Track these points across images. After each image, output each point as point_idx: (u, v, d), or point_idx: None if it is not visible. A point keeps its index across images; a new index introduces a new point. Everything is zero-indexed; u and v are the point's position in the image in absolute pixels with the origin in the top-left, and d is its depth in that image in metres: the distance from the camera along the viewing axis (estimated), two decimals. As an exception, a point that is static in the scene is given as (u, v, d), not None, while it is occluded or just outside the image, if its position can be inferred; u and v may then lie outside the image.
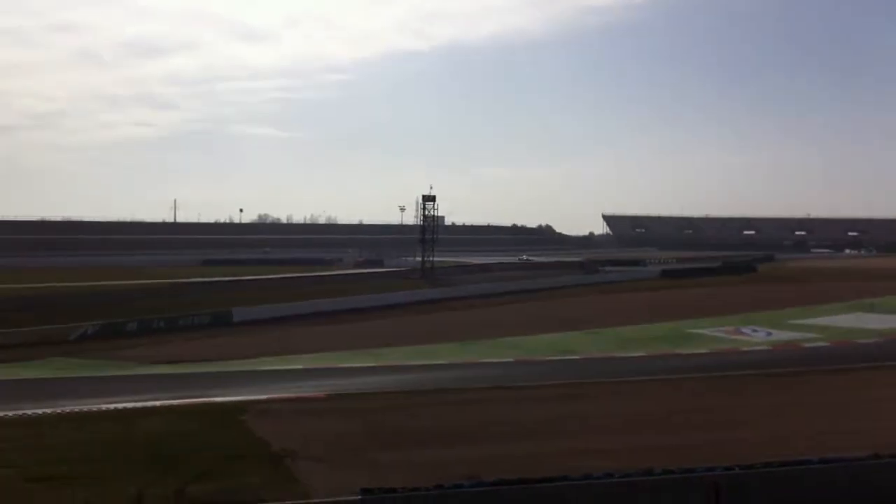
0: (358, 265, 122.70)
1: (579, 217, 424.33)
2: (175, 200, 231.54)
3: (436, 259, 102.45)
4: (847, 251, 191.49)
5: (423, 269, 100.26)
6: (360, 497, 18.38)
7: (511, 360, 45.39)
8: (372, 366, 43.60)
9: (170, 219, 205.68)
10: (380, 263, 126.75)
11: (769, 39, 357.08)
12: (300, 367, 43.82)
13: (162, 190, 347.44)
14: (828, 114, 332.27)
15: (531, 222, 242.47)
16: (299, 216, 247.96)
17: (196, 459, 23.64)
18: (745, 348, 49.17)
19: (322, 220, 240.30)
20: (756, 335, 54.47)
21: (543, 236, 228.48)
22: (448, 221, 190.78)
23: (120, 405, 32.12)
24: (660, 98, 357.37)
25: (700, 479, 19.50)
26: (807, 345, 50.02)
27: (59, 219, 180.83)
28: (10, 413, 30.66)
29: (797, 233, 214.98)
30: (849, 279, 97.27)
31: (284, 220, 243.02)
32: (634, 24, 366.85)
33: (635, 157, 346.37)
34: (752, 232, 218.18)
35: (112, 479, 21.62)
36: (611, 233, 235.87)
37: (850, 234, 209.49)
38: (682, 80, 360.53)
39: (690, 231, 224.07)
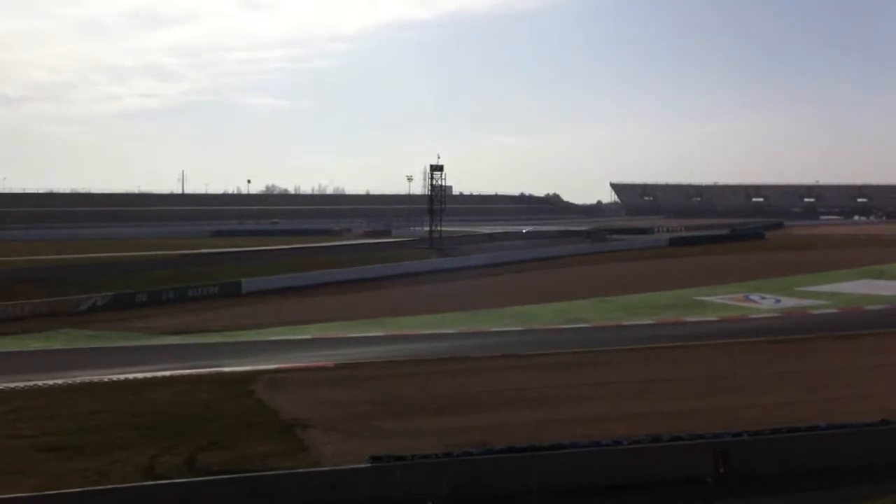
0: (366, 235, 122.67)
1: (587, 186, 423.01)
2: (183, 172, 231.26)
3: (443, 229, 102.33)
4: (856, 218, 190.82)
5: (430, 239, 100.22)
6: (369, 464, 18.52)
7: (519, 328, 45.45)
8: (380, 335, 43.73)
9: (178, 190, 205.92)
10: (387, 233, 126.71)
11: (777, 3, 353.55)
12: (309, 336, 43.96)
13: (168, 161, 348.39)
14: (836, 80, 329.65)
15: (539, 191, 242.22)
16: (307, 187, 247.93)
17: (206, 429, 23.81)
18: (754, 315, 49.13)
19: (329, 191, 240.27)
20: (764, 302, 54.41)
21: (551, 205, 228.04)
22: (456, 191, 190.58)
23: (130, 375, 32.30)
24: (667, 64, 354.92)
25: (708, 446, 19.59)
26: (815, 312, 49.97)
27: (66, 191, 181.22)
28: (22, 384, 30.90)
29: (806, 200, 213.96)
30: (857, 246, 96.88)
31: (292, 191, 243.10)
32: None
33: (643, 125, 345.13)
34: (761, 199, 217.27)
35: (123, 449, 21.79)
36: (619, 201, 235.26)
37: (858, 200, 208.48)
38: (688, 45, 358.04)
39: (698, 199, 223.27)
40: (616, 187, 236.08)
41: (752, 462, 19.50)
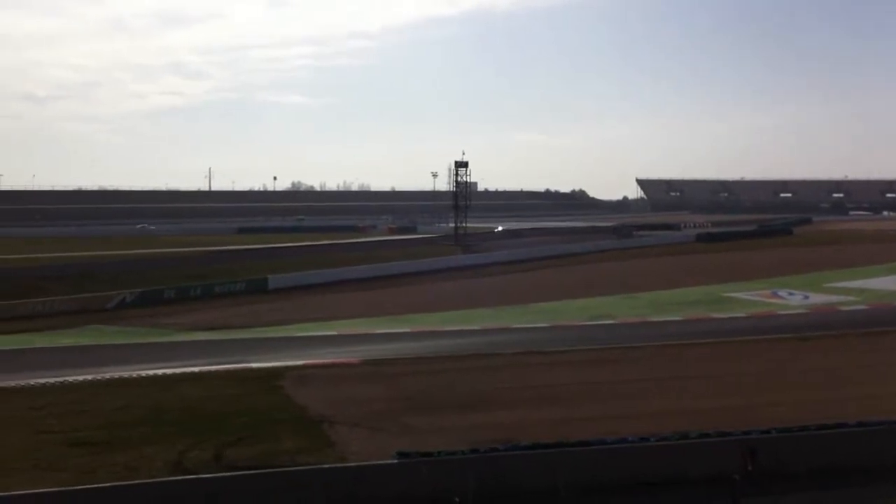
0: (391, 232, 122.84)
1: (613, 182, 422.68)
2: (210, 169, 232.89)
3: (469, 225, 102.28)
4: (886, 213, 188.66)
5: (456, 236, 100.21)
6: (396, 461, 18.57)
7: (545, 325, 45.34)
8: (406, 331, 43.74)
9: (204, 187, 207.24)
10: (413, 230, 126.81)
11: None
12: (335, 333, 44.08)
13: (194, 159, 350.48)
14: (865, 74, 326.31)
15: (564, 187, 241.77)
16: (332, 184, 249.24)
17: (234, 424, 23.98)
18: (782, 312, 48.76)
19: (355, 188, 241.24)
20: (792, 299, 53.97)
21: (577, 201, 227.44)
22: (481, 187, 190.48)
23: (158, 371, 32.57)
24: (693, 60, 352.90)
25: (737, 443, 19.48)
26: (844, 308, 49.48)
27: (94, 188, 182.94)
28: (52, 380, 31.19)
29: (834, 195, 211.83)
30: (886, 242, 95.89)
31: (318, 188, 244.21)
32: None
33: (669, 121, 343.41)
34: (789, 195, 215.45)
35: (151, 444, 21.99)
36: (645, 197, 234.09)
37: (888, 195, 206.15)
38: (715, 40, 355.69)
39: (725, 194, 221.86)
40: (642, 183, 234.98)
41: (780, 459, 19.37)
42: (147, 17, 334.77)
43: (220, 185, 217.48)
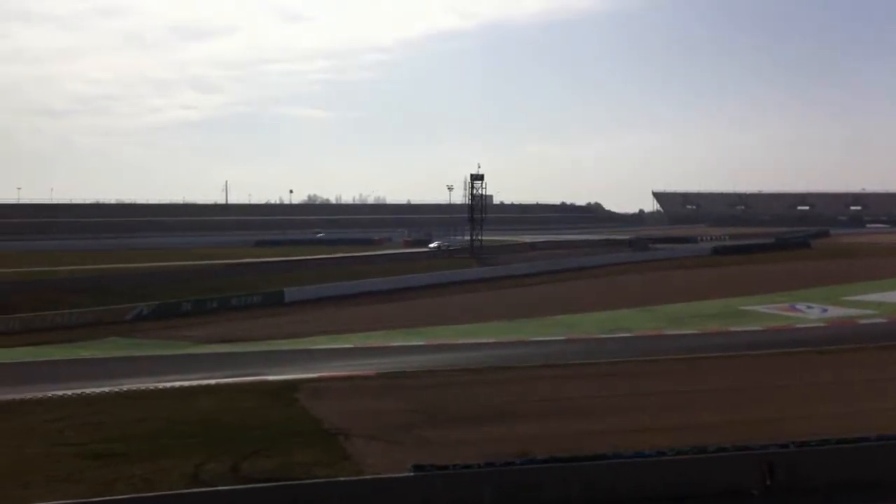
0: (407, 245, 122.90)
1: (629, 194, 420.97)
2: (226, 182, 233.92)
3: (484, 238, 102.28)
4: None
5: (471, 248, 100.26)
6: (412, 474, 18.52)
7: (561, 337, 45.23)
8: (422, 344, 43.76)
9: (221, 200, 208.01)
10: (428, 243, 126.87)
11: (821, 7, 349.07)
12: (351, 345, 44.15)
13: (211, 172, 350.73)
14: (883, 86, 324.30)
15: (580, 200, 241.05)
16: (348, 196, 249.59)
17: (250, 437, 24.00)
18: (800, 325, 48.46)
19: (371, 201, 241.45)
20: (811, 312, 53.64)
21: (593, 214, 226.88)
22: (496, 200, 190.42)
23: (175, 384, 32.68)
24: (709, 71, 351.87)
25: (754, 457, 19.34)
26: (863, 321, 49.14)
27: (112, 201, 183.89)
28: (70, 392, 31.34)
29: (852, 208, 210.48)
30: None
31: (334, 201, 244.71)
32: (679, 1, 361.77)
33: (686, 134, 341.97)
34: (806, 207, 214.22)
35: (168, 456, 22.04)
36: (661, 210, 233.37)
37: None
38: (731, 52, 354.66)
39: (742, 207, 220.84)
40: (658, 196, 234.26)
41: (799, 474, 19.22)
42: (164, 31, 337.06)
43: (236, 198, 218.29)
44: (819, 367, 34.63)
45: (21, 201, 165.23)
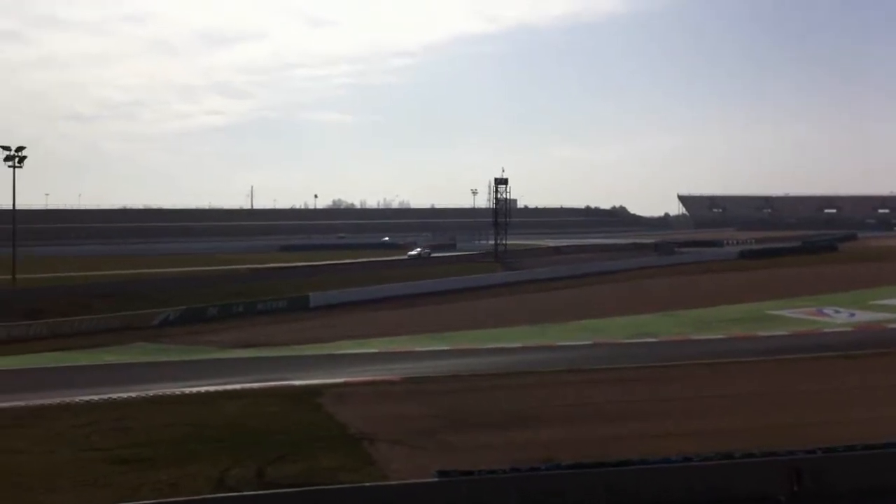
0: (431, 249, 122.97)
1: (654, 198, 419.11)
2: (252, 187, 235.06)
3: (508, 242, 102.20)
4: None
5: (496, 253, 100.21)
6: (436, 479, 18.53)
7: (586, 342, 45.07)
8: (446, 349, 43.75)
9: (247, 205, 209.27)
10: (452, 247, 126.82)
11: (848, 7, 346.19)
12: (375, 350, 44.20)
13: (237, 177, 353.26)
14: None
15: (605, 204, 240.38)
16: (372, 201, 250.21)
17: (275, 441, 24.11)
18: (827, 330, 48.04)
19: (395, 205, 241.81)
20: (838, 316, 53.14)
21: (617, 218, 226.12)
22: (520, 204, 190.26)
23: (201, 389, 32.84)
24: (737, 73, 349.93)
25: (782, 463, 19.19)
26: (891, 326, 48.59)
27: (139, 206, 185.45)
28: (96, 397, 31.62)
29: (880, 210, 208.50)
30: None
31: (358, 206, 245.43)
32: (702, 2, 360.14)
33: (711, 136, 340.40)
34: (833, 210, 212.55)
35: (194, 461, 22.17)
36: (687, 213, 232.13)
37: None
38: (757, 54, 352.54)
39: (769, 210, 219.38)
40: (684, 199, 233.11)
41: (826, 480, 19.04)
42: (191, 37, 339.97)
43: (261, 203, 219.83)
44: (846, 371, 34.33)
45: (49, 207, 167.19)
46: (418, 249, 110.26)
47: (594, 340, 45.59)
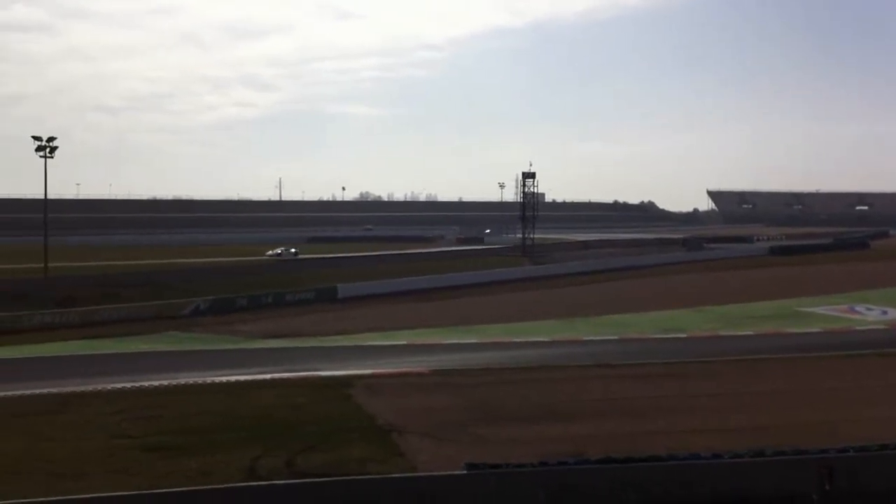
0: (459, 242, 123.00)
1: (683, 193, 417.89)
2: (280, 179, 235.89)
3: (536, 236, 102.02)
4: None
5: (523, 246, 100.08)
6: (465, 472, 18.53)
7: (614, 337, 44.94)
8: (475, 342, 43.75)
9: (275, 197, 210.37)
10: (480, 241, 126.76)
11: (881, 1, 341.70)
12: (404, 342, 44.26)
13: (264, 169, 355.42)
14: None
15: (633, 199, 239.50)
16: (399, 194, 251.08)
17: (305, 432, 24.24)
18: (859, 327, 47.59)
19: (422, 198, 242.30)
20: (871, 314, 52.63)
21: (646, 213, 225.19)
22: (548, 198, 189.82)
23: (231, 378, 33.07)
24: (766, 68, 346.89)
25: (813, 461, 19.02)
26: (924, 324, 48.13)
27: (169, 197, 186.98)
28: (128, 385, 31.93)
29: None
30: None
31: (385, 198, 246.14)
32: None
33: (741, 131, 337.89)
34: (865, 207, 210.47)
35: (224, 450, 22.33)
36: (716, 209, 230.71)
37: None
38: (786, 49, 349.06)
39: (800, 207, 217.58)
40: (713, 195, 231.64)
41: (859, 479, 18.86)
42: (219, 30, 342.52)
43: (290, 195, 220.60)
44: (878, 370, 34.01)
45: (79, 197, 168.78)
46: (280, 249, 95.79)
47: (622, 336, 45.43)
